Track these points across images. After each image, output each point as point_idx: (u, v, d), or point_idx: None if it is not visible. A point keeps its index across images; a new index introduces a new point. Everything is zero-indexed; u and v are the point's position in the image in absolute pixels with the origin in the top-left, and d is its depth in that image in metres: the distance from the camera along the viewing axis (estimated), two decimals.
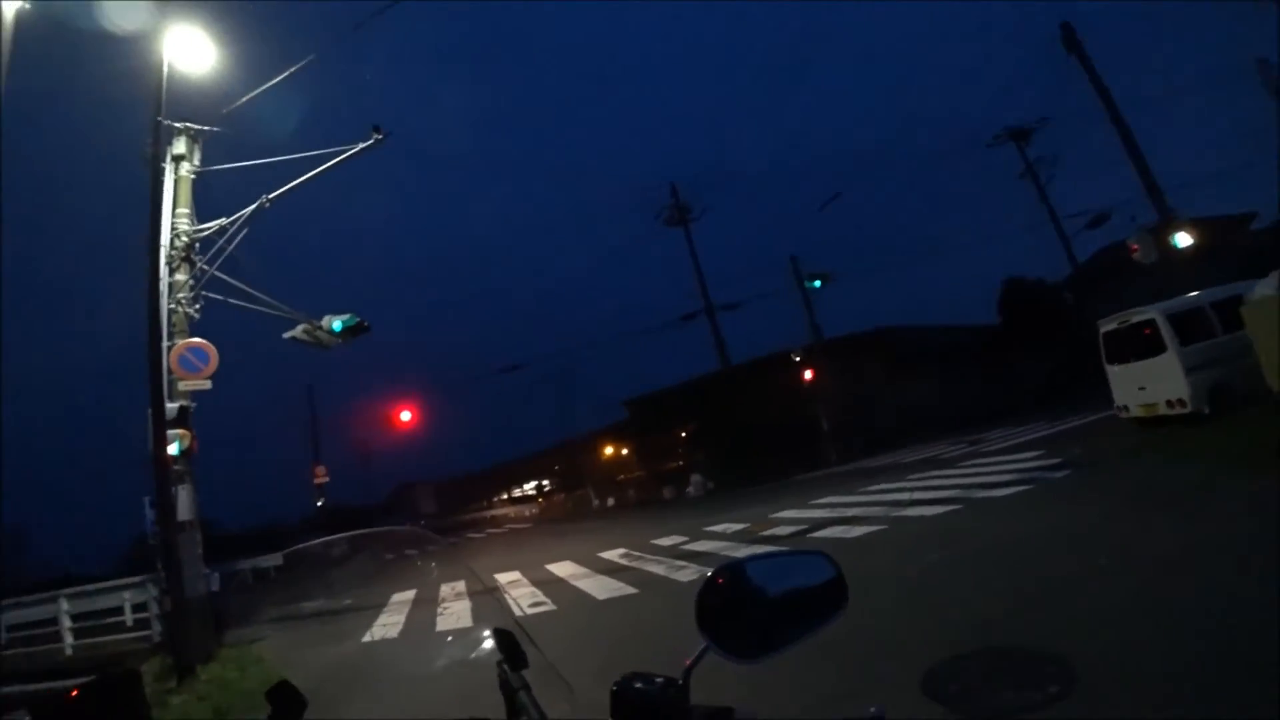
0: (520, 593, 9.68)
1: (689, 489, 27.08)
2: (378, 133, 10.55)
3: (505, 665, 1.11)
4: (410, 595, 11.59)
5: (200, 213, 10.29)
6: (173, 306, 9.51)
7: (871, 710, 0.89)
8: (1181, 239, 16.28)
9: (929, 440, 21.60)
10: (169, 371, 9.07)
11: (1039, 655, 3.67)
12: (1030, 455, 12.07)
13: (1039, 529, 6.78)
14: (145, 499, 9.74)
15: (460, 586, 11.52)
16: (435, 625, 8.54)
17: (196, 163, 10.30)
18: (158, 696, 6.56)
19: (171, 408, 8.98)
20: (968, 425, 22.26)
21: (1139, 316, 11.34)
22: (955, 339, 30.88)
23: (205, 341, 9.52)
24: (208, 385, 9.47)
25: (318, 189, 10.94)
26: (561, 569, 11.12)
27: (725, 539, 10.99)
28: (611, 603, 7.82)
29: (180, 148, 10.06)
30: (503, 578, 11.54)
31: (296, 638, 10.03)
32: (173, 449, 8.84)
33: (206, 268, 10.08)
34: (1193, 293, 11.66)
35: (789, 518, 11.58)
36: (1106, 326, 12.09)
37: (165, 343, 9.10)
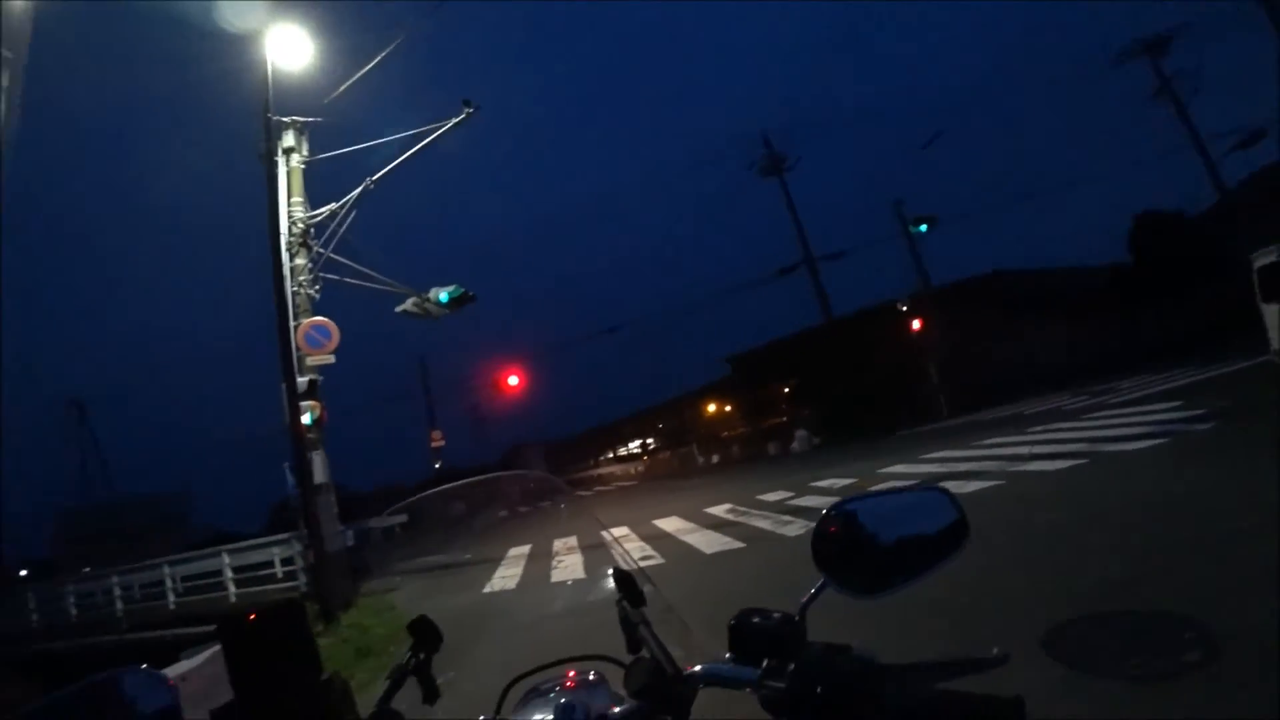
0: (629, 547, 9.95)
1: (794, 444, 26.78)
2: (468, 106, 10.81)
3: (624, 603, 1.14)
4: (525, 550, 12.17)
5: (311, 199, 10.97)
6: (295, 289, 10.24)
7: (995, 651, 0.85)
8: None
9: (1050, 391, 20.23)
10: (297, 349, 9.82)
11: (1176, 620, 3.39)
12: (1167, 406, 10.99)
13: (1176, 486, 6.19)
14: (285, 465, 10.65)
15: (572, 541, 11.98)
16: (550, 577, 8.95)
17: (305, 153, 10.93)
18: None
19: (302, 381, 9.75)
20: (1095, 375, 20.62)
21: None
22: (1079, 281, 28.45)
23: (327, 319, 10.23)
24: (332, 359, 10.21)
25: (417, 166, 11.38)
26: (668, 524, 11.32)
27: (832, 494, 10.81)
28: (719, 557, 7.91)
29: (289, 140, 10.71)
30: (612, 532, 11.89)
31: (423, 589, 10.80)
32: (306, 419, 9.64)
33: (322, 251, 10.77)
34: None
35: (898, 473, 11.25)
36: (1263, 259, 10.78)
37: (292, 322, 9.85)
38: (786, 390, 32.81)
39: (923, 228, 25.45)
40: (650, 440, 51.87)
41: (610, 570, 1.20)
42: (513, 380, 23.39)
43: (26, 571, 34.78)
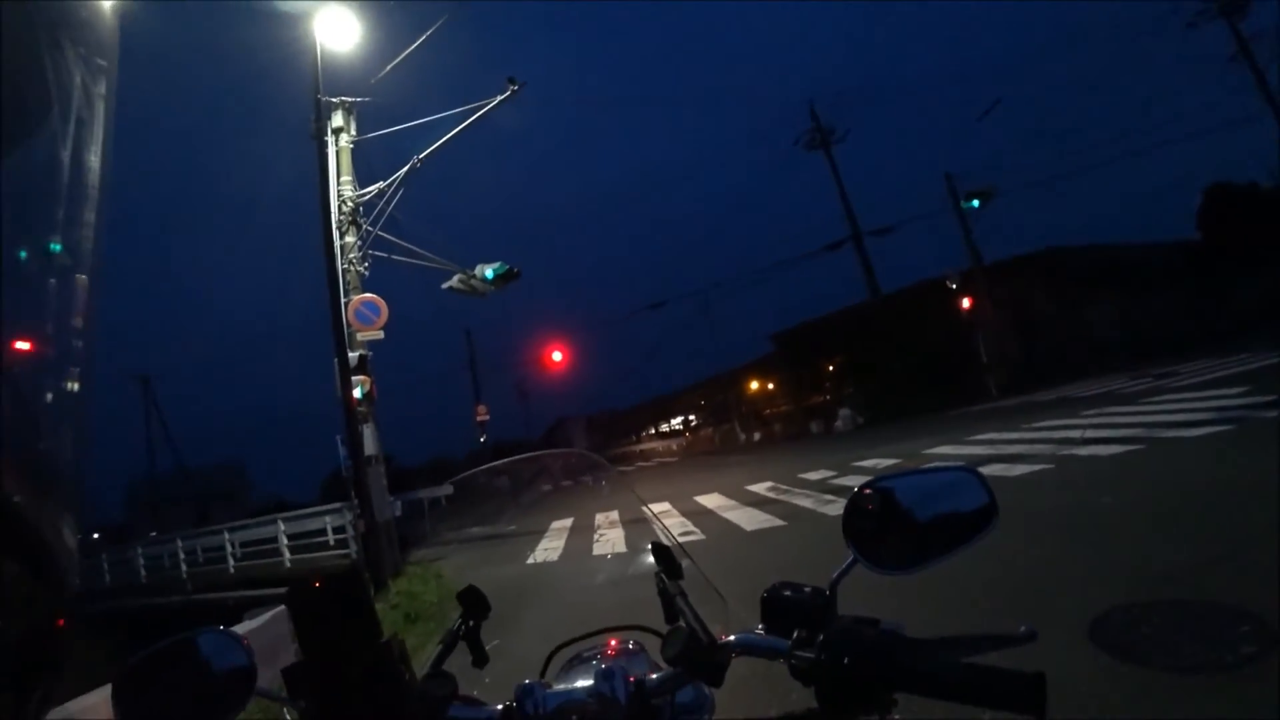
0: (670, 523, 10.04)
1: (837, 423, 26.51)
2: (513, 84, 10.84)
3: (662, 575, 1.18)
4: (568, 523, 12.37)
5: (359, 178, 11.19)
6: (345, 266, 10.50)
7: (1022, 629, 0.87)
8: None
9: (1107, 373, 19.49)
10: (348, 325, 10.10)
11: (1231, 611, 3.29)
12: (1234, 391, 10.47)
13: (1238, 475, 5.89)
14: (337, 436, 11.02)
15: (614, 516, 12.08)
16: (592, 550, 9.11)
17: (353, 133, 11.13)
18: None
19: (352, 356, 10.05)
20: (1157, 356, 19.75)
21: None
22: (1142, 258, 27.01)
23: (376, 296, 10.48)
24: (381, 335, 10.47)
25: (465, 143, 11.50)
26: (709, 501, 11.38)
27: (875, 474, 10.69)
28: (759, 534, 7.94)
29: (338, 121, 10.91)
30: (653, 508, 11.99)
31: (468, 559, 11.02)
32: (356, 393, 9.94)
33: (371, 229, 11.00)
34: None
35: (943, 454, 11.07)
36: None
37: (343, 299, 10.13)
38: (831, 368, 32.39)
39: (975, 203, 24.59)
40: (692, 417, 51.88)
41: (649, 544, 1.24)
42: (557, 356, 23.65)
43: (98, 535, 36.78)
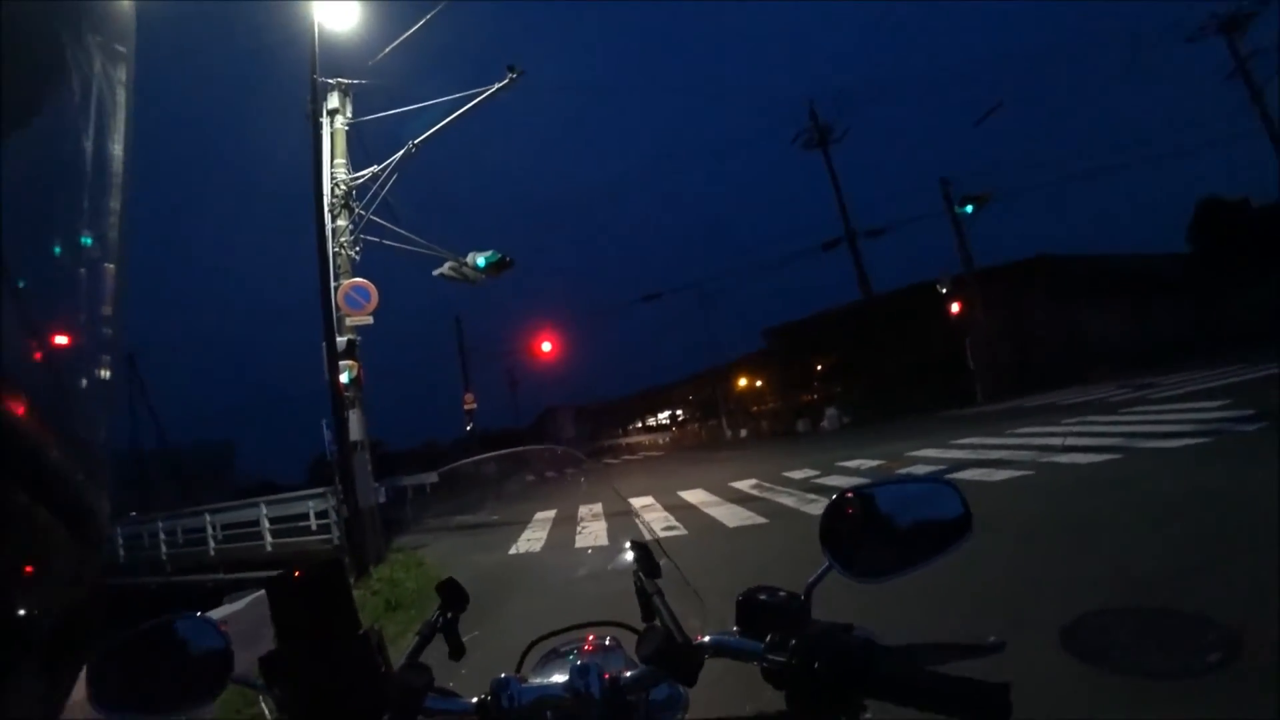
0: (653, 517, 10.08)
1: (824, 423, 26.65)
2: (512, 72, 10.78)
3: (640, 574, 1.19)
4: (551, 514, 12.41)
5: (354, 162, 11.11)
6: (336, 250, 10.43)
7: (990, 639, 0.89)
8: None
9: (1094, 382, 19.70)
10: (337, 309, 10.04)
11: (1199, 619, 3.37)
12: (1215, 404, 10.63)
13: (1214, 486, 6.00)
14: (323, 421, 10.97)
15: (597, 508, 12.15)
16: (574, 542, 9.13)
17: (349, 115, 11.03)
18: None
19: (341, 341, 10.00)
20: (1143, 367, 20.01)
21: None
22: (1133, 269, 27.26)
23: (366, 281, 10.41)
24: (370, 320, 10.41)
25: (461, 130, 11.44)
26: (693, 496, 11.43)
27: (858, 475, 10.80)
28: (741, 531, 7.99)
29: (334, 102, 10.82)
30: (637, 502, 12.04)
31: (452, 547, 11.11)
32: (344, 378, 9.89)
33: (363, 213, 10.92)
34: None
35: (927, 456, 11.15)
36: None
37: (333, 283, 10.06)
38: (820, 367, 32.54)
39: (969, 208, 24.66)
40: (680, 411, 52.02)
41: (626, 544, 1.25)
42: (546, 346, 23.67)
43: None
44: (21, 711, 0.63)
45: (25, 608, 0.65)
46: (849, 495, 0.99)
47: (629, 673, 0.94)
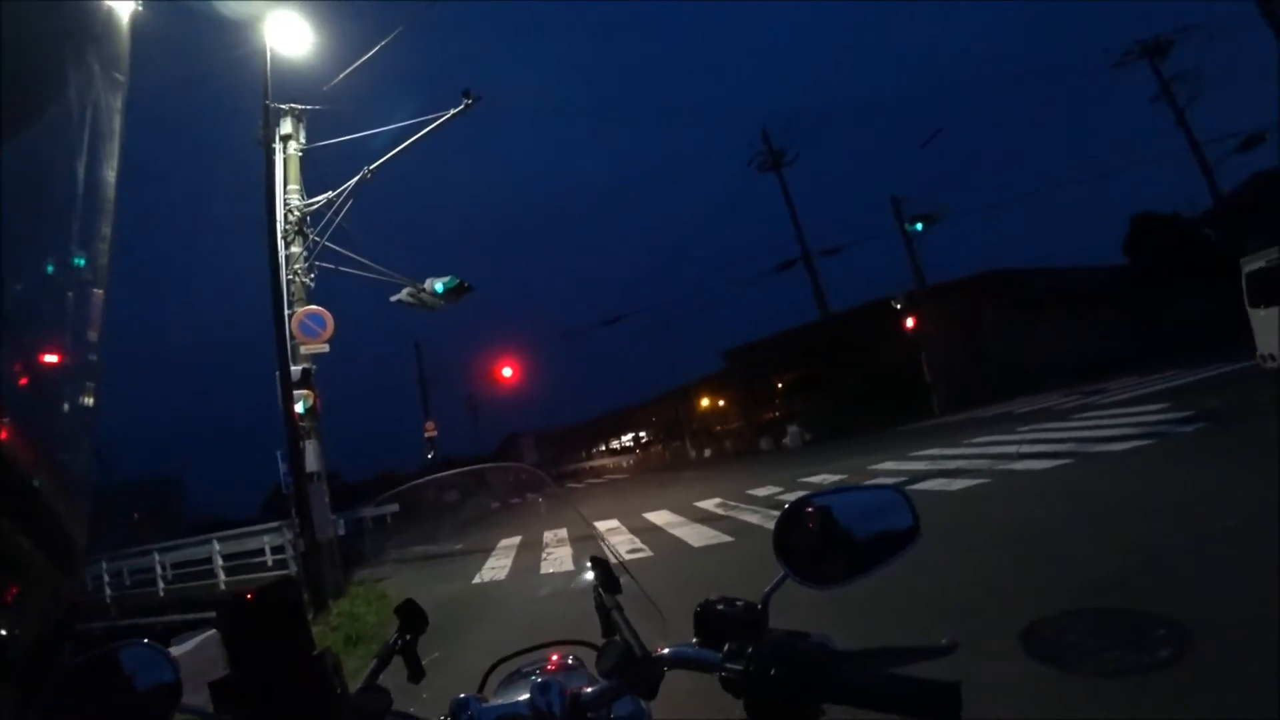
0: (618, 540, 10.01)
1: (786, 440, 26.89)
2: (467, 98, 10.79)
3: (600, 590, 1.19)
4: (515, 541, 12.20)
5: (309, 187, 10.96)
6: (290, 277, 10.23)
7: (944, 641, 0.91)
8: None
9: (1044, 391, 20.36)
10: (291, 337, 9.83)
11: (1150, 617, 3.49)
12: (1156, 408, 11.13)
13: (1159, 487, 6.29)
14: (278, 453, 10.67)
15: (562, 533, 11.95)
16: (539, 569, 9.00)
17: (302, 140, 10.90)
18: None
19: (296, 370, 9.77)
20: (1089, 375, 20.76)
21: None
22: (1076, 282, 28.36)
23: (322, 308, 10.22)
24: (326, 349, 10.21)
25: (419, 154, 11.37)
26: (658, 517, 11.39)
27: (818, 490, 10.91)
28: (707, 550, 7.99)
29: (287, 128, 10.67)
30: (602, 525, 11.94)
31: (413, 578, 10.67)
32: (299, 407, 9.65)
33: (318, 239, 10.76)
34: None
35: (887, 469, 11.33)
36: (1251, 265, 10.91)
37: (287, 311, 9.86)
38: (781, 385, 32.86)
39: (919, 226, 25.41)
40: (643, 433, 51.93)
41: (589, 558, 1.26)
42: (507, 372, 23.45)
43: None
44: None
45: (5, 628, 0.64)
46: (801, 505, 1.01)
47: (590, 689, 0.94)
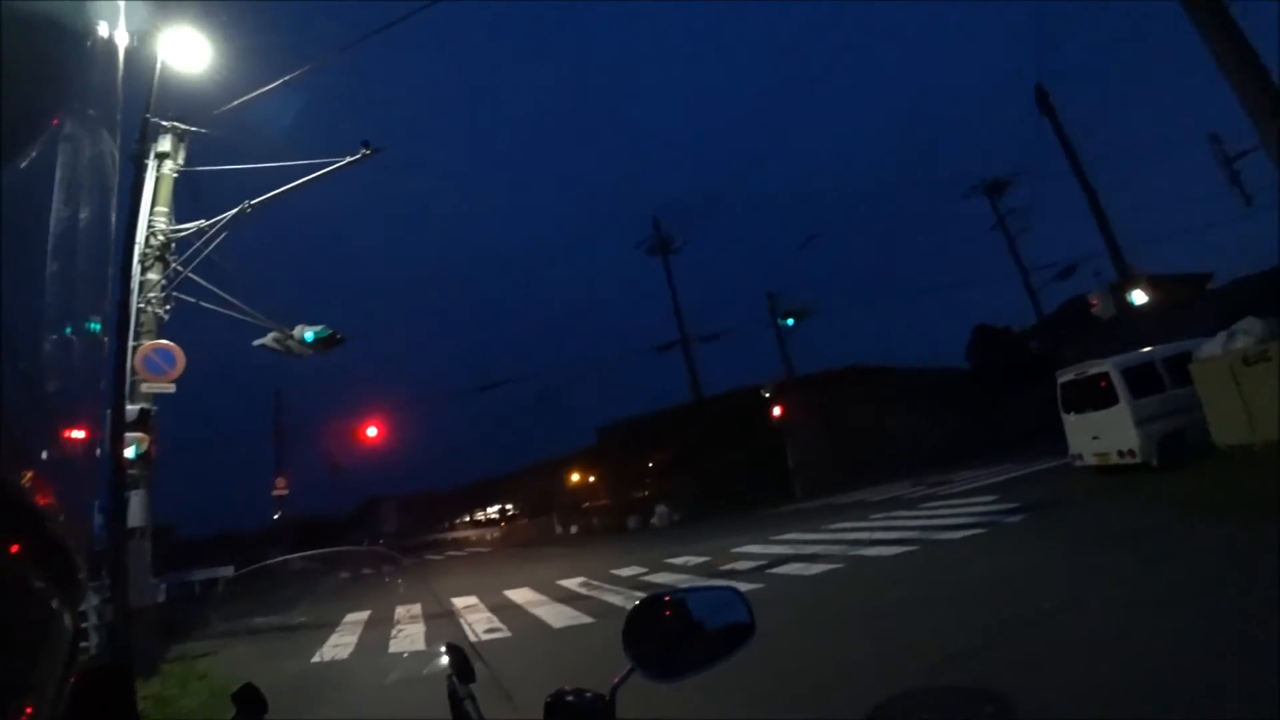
0: (476, 618, 9.57)
1: (654, 519, 26.99)
2: (366, 148, 10.60)
3: (454, 678, 1.17)
4: (364, 616, 11.38)
5: (183, 216, 10.25)
6: (142, 305, 9.36)
7: None
8: (1138, 296, 16.90)
9: (896, 479, 21.83)
10: (133, 372, 8.92)
11: (980, 694, 3.79)
12: (989, 499, 12.30)
13: (990, 572, 6.94)
14: (94, 502, 9.46)
15: (416, 609, 11.34)
16: (388, 647, 8.41)
17: (180, 162, 10.22)
18: None
19: (132, 410, 8.81)
20: (935, 466, 22.56)
21: (1095, 369, 11.73)
22: (927, 380, 31.29)
23: (173, 344, 9.37)
24: (172, 389, 9.31)
25: (306, 201, 10.97)
26: (519, 595, 11.03)
27: (685, 572, 11.00)
28: (567, 631, 7.79)
29: (165, 145, 9.98)
30: (460, 602, 11.39)
31: (244, 655, 9.76)
32: (129, 452, 8.65)
33: (181, 269, 9.98)
34: (1146, 348, 12.10)
35: (750, 552, 11.62)
36: (1064, 377, 12.47)
37: (132, 342, 8.97)
38: (652, 465, 33.20)
39: (789, 321, 27.10)
40: (510, 506, 50.47)
41: (444, 644, 1.24)
42: (372, 431, 22.24)
43: None
44: None
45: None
46: (649, 602, 1.08)
47: None
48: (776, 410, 26.12)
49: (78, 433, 0.79)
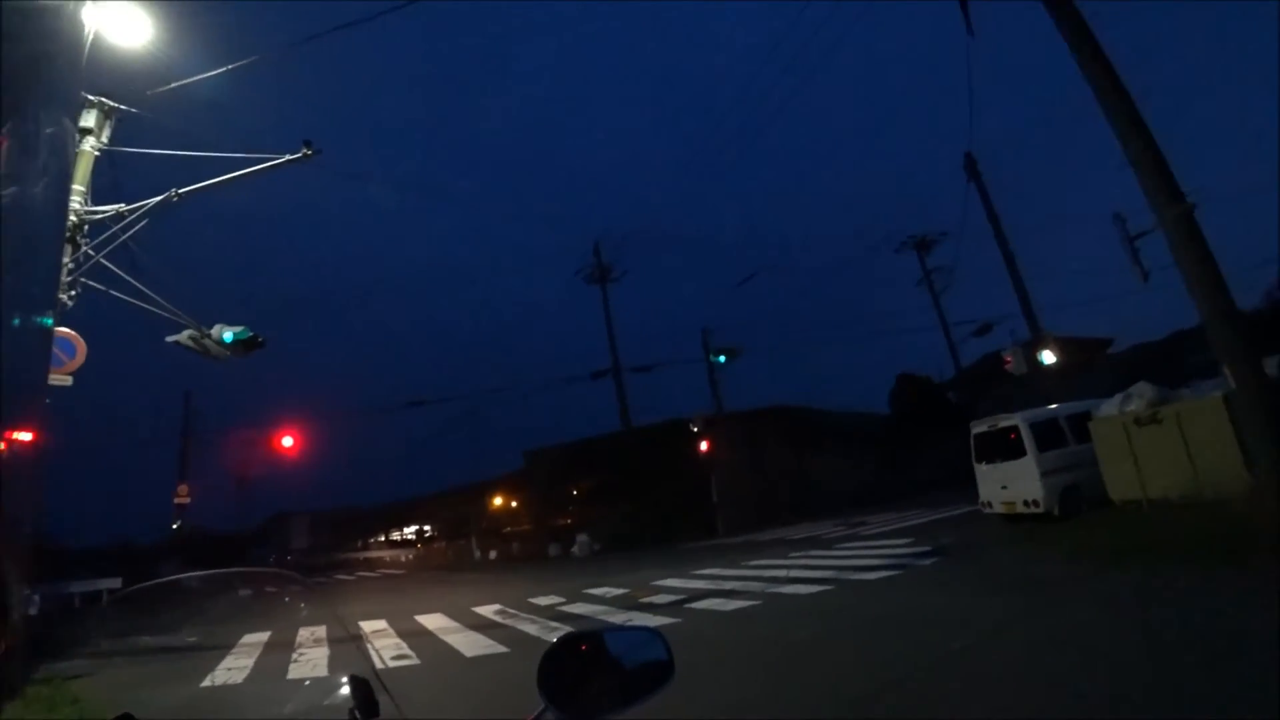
0: (384, 643, 9.19)
1: (575, 549, 26.67)
2: (308, 148, 10.27)
3: (356, 712, 1.12)
4: (263, 638, 10.74)
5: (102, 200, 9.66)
6: None
7: None
8: (1047, 356, 17.95)
9: (817, 518, 22.33)
10: None
11: None
12: (904, 541, 12.72)
13: (902, 613, 7.16)
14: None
15: (320, 632, 10.76)
16: (287, 672, 7.94)
17: (104, 141, 9.65)
18: None
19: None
20: (855, 506, 23.23)
21: (1005, 422, 12.36)
22: (851, 423, 32.23)
23: (74, 333, 8.76)
24: (69, 381, 8.68)
25: (234, 200, 10.53)
26: (431, 621, 10.65)
27: (604, 603, 10.86)
28: (479, 660, 7.55)
29: (89, 121, 9.40)
30: (368, 626, 10.91)
31: (124, 677, 9.02)
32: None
33: (93, 253, 9.37)
34: (1053, 405, 12.86)
35: (670, 586, 11.59)
36: (977, 428, 13.09)
37: None
38: (576, 493, 32.86)
39: (721, 358, 27.53)
40: (428, 527, 48.93)
41: (348, 675, 1.18)
42: (287, 441, 21.25)
43: None
44: None
45: None
46: (567, 641, 1.05)
47: None
48: (704, 445, 26.35)
49: (24, 435, 0.72)
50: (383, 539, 52.82)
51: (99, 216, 9.53)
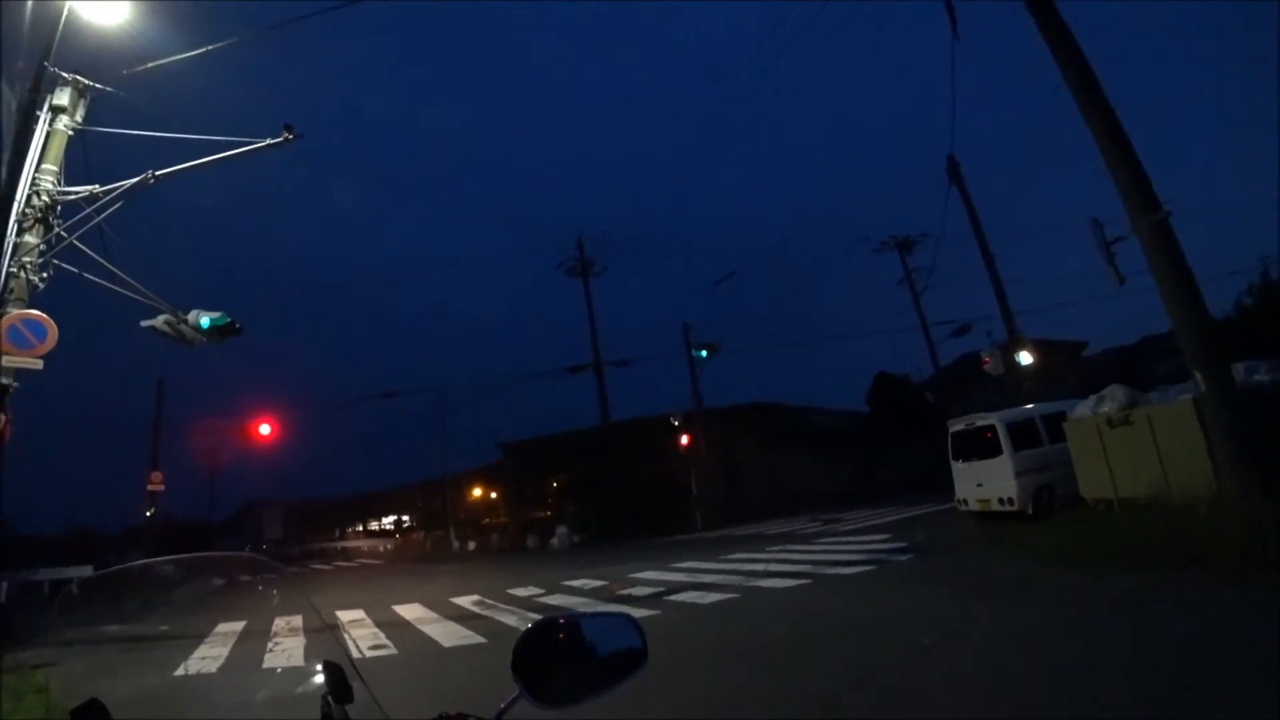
0: (361, 633, 9.13)
1: (554, 541, 26.68)
2: (289, 132, 10.11)
3: (330, 698, 1.12)
4: (238, 627, 10.60)
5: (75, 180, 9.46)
6: (14, 270, 8.53)
7: None
8: (1024, 357, 18.19)
9: (794, 514, 22.50)
10: None
11: None
12: (880, 537, 12.88)
13: (877, 608, 7.25)
14: None
15: (296, 621, 10.64)
16: (262, 662, 7.88)
17: (79, 120, 9.44)
18: None
19: None
20: (832, 503, 23.46)
21: (982, 421, 12.54)
22: (828, 421, 32.56)
23: (45, 316, 8.56)
24: (39, 365, 8.49)
25: (213, 186, 10.37)
26: (409, 611, 10.61)
27: (582, 594, 10.89)
28: (457, 651, 7.54)
29: (63, 99, 9.20)
30: (345, 616, 10.83)
31: (93, 666, 8.83)
32: None
33: (65, 235, 9.17)
34: (1029, 405, 13.06)
35: (648, 579, 11.63)
36: (955, 427, 13.27)
37: None
38: (555, 485, 32.84)
39: (703, 353, 27.57)
40: (406, 518, 48.61)
41: (321, 661, 1.18)
42: (265, 429, 20.99)
43: None
44: None
45: None
46: (541, 626, 1.06)
47: None
48: (684, 440, 26.45)
49: None
50: (360, 529, 52.42)
51: (72, 198, 9.32)
